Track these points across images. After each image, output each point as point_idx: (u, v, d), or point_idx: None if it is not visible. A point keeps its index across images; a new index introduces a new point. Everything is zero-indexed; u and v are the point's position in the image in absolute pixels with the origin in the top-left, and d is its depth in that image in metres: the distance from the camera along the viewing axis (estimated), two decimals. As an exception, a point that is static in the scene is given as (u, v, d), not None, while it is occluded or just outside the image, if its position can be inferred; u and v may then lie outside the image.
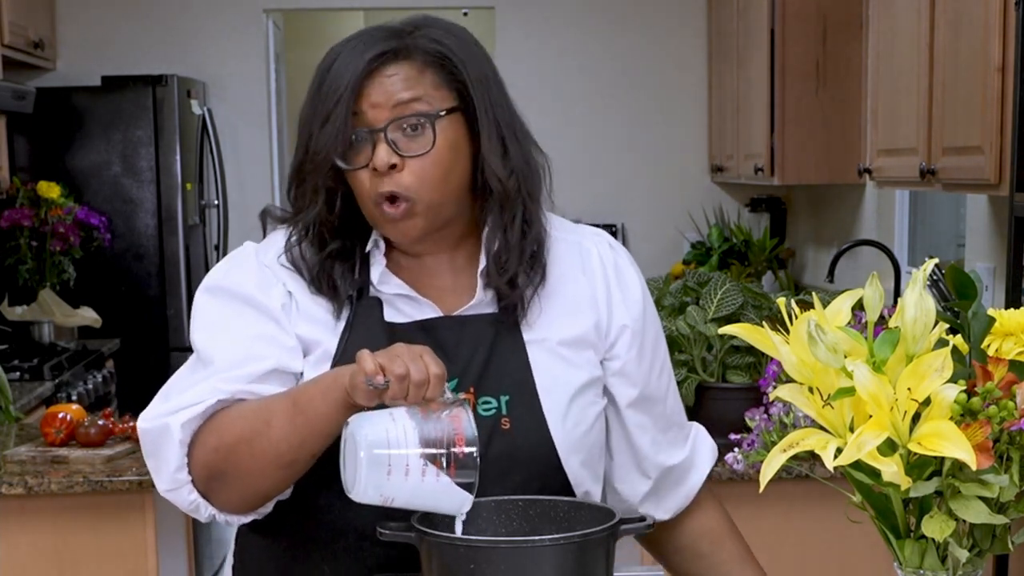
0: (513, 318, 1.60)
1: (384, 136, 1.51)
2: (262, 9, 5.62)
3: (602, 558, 1.39)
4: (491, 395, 1.57)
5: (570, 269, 1.66)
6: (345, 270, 1.59)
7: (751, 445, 1.27)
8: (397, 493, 1.37)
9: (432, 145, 1.52)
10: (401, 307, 1.60)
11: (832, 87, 4.37)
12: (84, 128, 5.00)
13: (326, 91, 1.52)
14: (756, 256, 5.39)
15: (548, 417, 1.58)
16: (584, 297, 1.65)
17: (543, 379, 1.59)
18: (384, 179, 1.51)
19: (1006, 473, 1.17)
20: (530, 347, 1.60)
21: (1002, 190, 2.71)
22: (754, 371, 2.55)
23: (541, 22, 5.66)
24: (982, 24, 2.76)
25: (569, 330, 1.63)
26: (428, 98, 1.53)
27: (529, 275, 1.60)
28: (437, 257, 1.63)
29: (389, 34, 1.55)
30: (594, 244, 1.71)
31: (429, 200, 1.53)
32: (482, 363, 1.58)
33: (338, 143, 1.51)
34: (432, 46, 1.55)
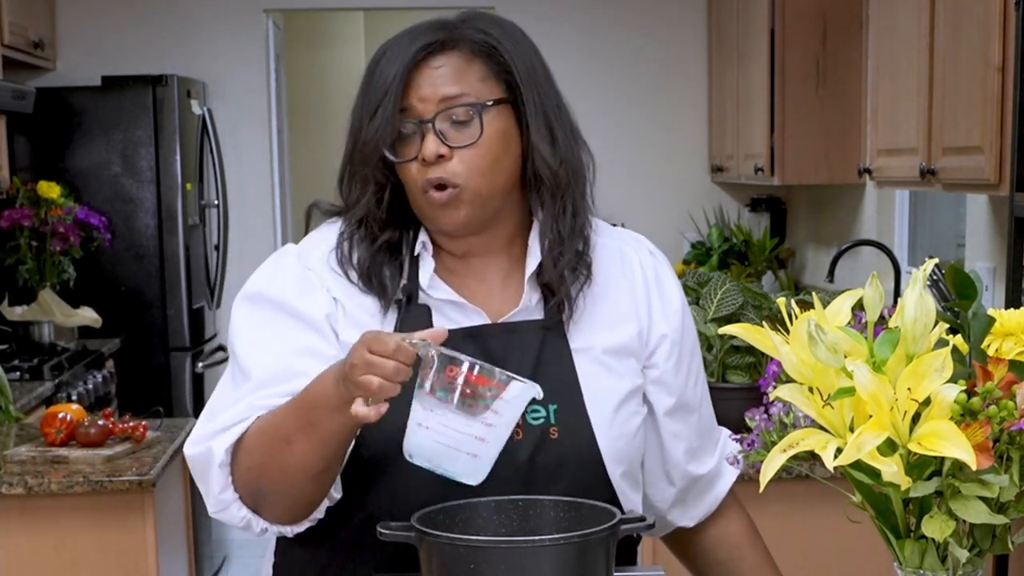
0: (559, 323, 1.60)
1: (432, 127, 1.51)
2: (262, 9, 5.62)
3: (602, 558, 1.39)
4: (539, 404, 1.56)
5: (613, 275, 1.66)
6: (394, 270, 1.59)
7: (751, 445, 1.27)
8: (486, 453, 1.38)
9: (480, 135, 1.52)
10: (449, 313, 1.59)
11: (832, 87, 4.37)
12: (84, 128, 5.01)
13: (376, 84, 1.53)
14: (756, 256, 5.39)
15: (595, 426, 1.58)
16: (627, 305, 1.66)
17: (589, 388, 1.59)
18: (432, 168, 1.52)
19: (1006, 473, 1.17)
20: (576, 355, 1.60)
21: (1002, 190, 2.71)
22: (754, 371, 2.55)
23: (541, 22, 5.65)
24: (982, 24, 2.76)
25: (613, 338, 1.63)
26: (475, 90, 1.53)
27: (575, 272, 1.61)
28: (484, 259, 1.62)
29: (437, 26, 1.57)
30: (635, 251, 1.72)
31: (477, 188, 1.53)
32: (530, 371, 1.56)
33: (387, 135, 1.52)
34: (479, 36, 1.56)
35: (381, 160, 1.54)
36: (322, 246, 1.62)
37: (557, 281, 1.59)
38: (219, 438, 1.52)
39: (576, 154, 1.63)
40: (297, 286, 1.59)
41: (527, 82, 1.58)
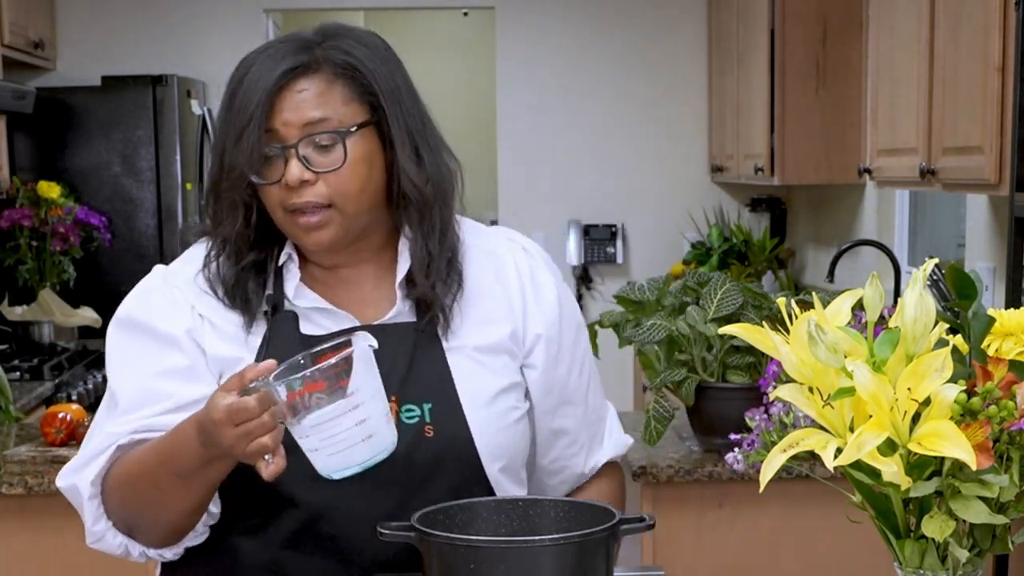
0: (432, 327, 1.61)
1: (296, 152, 1.52)
2: (262, 9, 5.62)
3: (602, 558, 1.39)
4: (414, 403, 1.58)
5: (485, 278, 1.66)
6: (258, 284, 1.60)
7: (751, 445, 1.27)
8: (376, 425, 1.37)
9: (343, 161, 1.53)
10: (318, 320, 1.60)
11: (832, 87, 4.37)
12: (84, 128, 5.00)
13: (238, 106, 1.53)
14: (756, 256, 5.39)
15: (470, 423, 1.59)
16: (500, 306, 1.66)
17: (464, 385, 1.60)
18: (296, 192, 1.52)
19: (1006, 473, 1.17)
20: (449, 354, 1.61)
21: (1002, 190, 2.71)
22: (754, 371, 2.55)
23: (541, 22, 5.66)
24: (982, 24, 2.76)
25: (486, 338, 1.63)
26: (339, 114, 1.53)
27: (447, 283, 1.61)
28: (354, 269, 1.63)
29: (299, 47, 1.56)
30: (508, 251, 1.71)
31: (343, 211, 1.54)
32: (404, 371, 1.58)
33: (252, 160, 1.51)
34: (342, 58, 1.56)
35: (247, 182, 1.53)
36: (188, 268, 1.63)
37: (430, 296, 1.59)
38: (83, 473, 1.55)
39: (442, 169, 1.64)
40: (161, 307, 1.61)
41: (391, 102, 1.57)
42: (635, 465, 2.60)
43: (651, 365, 2.61)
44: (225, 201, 1.56)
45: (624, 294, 2.64)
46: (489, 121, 5.97)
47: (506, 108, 5.68)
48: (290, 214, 1.54)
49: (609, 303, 5.32)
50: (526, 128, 5.66)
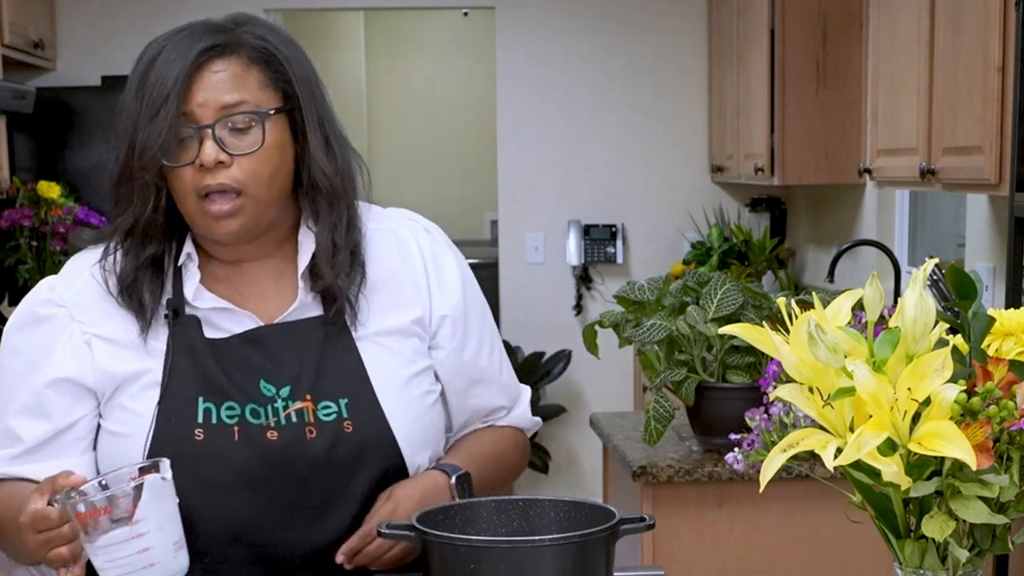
0: (341, 319, 1.60)
1: (212, 133, 1.50)
2: (262, 9, 5.61)
3: (602, 558, 1.39)
4: (330, 399, 1.57)
5: (391, 261, 1.66)
6: (155, 285, 1.58)
7: (751, 445, 1.27)
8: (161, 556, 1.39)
9: (261, 143, 1.52)
10: (219, 322, 1.59)
11: (832, 87, 4.37)
12: (84, 128, 5.00)
13: (153, 86, 1.50)
14: (756, 256, 5.39)
15: (387, 413, 1.59)
16: (408, 289, 1.66)
17: (377, 375, 1.60)
18: (210, 175, 1.51)
19: (1006, 473, 1.17)
20: (360, 344, 1.60)
21: (1002, 190, 2.71)
22: (754, 371, 2.55)
23: (541, 22, 5.66)
24: (982, 24, 2.76)
25: (394, 322, 1.63)
26: (255, 98, 1.52)
27: (350, 274, 1.60)
28: (256, 263, 1.62)
29: (214, 29, 1.55)
30: (410, 231, 1.70)
31: (256, 197, 1.53)
32: (314, 368, 1.57)
33: (168, 140, 1.49)
34: (257, 42, 1.55)
35: (159, 165, 1.51)
36: (81, 275, 1.61)
37: (335, 287, 1.59)
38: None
39: (349, 163, 1.63)
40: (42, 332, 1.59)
41: (304, 90, 1.57)
42: (635, 465, 2.60)
43: (651, 365, 2.61)
44: (136, 184, 1.53)
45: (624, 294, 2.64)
46: (489, 121, 5.97)
47: (506, 108, 5.68)
48: (201, 200, 1.52)
49: (609, 303, 5.32)
50: (526, 128, 5.66)
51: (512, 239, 5.71)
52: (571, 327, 5.61)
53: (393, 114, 7.57)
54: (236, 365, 1.57)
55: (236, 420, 1.55)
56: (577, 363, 5.59)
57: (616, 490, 2.99)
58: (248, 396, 1.56)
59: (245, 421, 1.55)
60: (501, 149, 5.71)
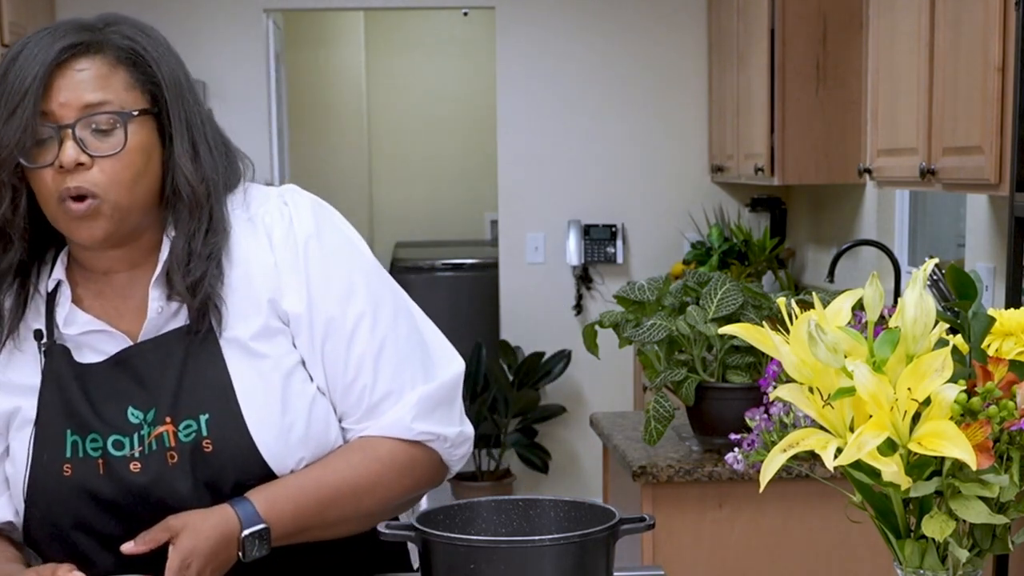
0: (206, 325, 1.52)
1: (72, 133, 1.45)
2: (262, 9, 5.61)
3: (602, 558, 1.39)
4: (190, 418, 1.51)
5: (250, 255, 1.57)
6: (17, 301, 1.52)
7: (751, 445, 1.27)
8: None
9: (123, 146, 1.46)
10: (96, 344, 1.54)
11: (832, 87, 4.37)
12: (84, 128, 4.99)
13: (12, 82, 1.44)
14: (756, 256, 5.39)
15: (251, 424, 1.51)
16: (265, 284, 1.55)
17: (243, 383, 1.52)
18: (70, 176, 1.45)
19: (1006, 473, 1.17)
20: (227, 352, 1.53)
21: (1002, 190, 2.71)
22: (754, 371, 2.55)
23: (541, 22, 5.66)
24: (982, 24, 2.76)
25: (255, 321, 1.54)
26: (120, 99, 1.47)
27: (204, 278, 1.52)
28: (127, 275, 1.56)
29: (80, 27, 1.49)
30: (278, 216, 1.59)
31: (116, 201, 1.47)
32: (175, 385, 1.51)
33: (24, 139, 1.43)
34: (125, 42, 1.50)
35: (15, 164, 1.45)
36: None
37: (188, 295, 1.51)
38: None
39: (219, 166, 1.56)
40: None
41: (172, 94, 1.51)
42: (635, 465, 2.60)
43: (651, 365, 2.61)
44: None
45: (624, 294, 2.64)
46: (489, 121, 5.97)
47: (506, 108, 5.68)
48: (62, 204, 1.46)
49: (609, 303, 5.32)
50: (526, 128, 5.66)
51: (512, 239, 5.71)
52: (571, 327, 5.61)
53: (393, 114, 7.56)
54: (106, 392, 1.52)
55: (99, 453, 1.51)
56: (577, 363, 5.59)
57: (616, 490, 2.99)
58: (111, 426, 1.51)
59: (107, 453, 1.51)
60: (501, 149, 5.71)
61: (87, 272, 1.56)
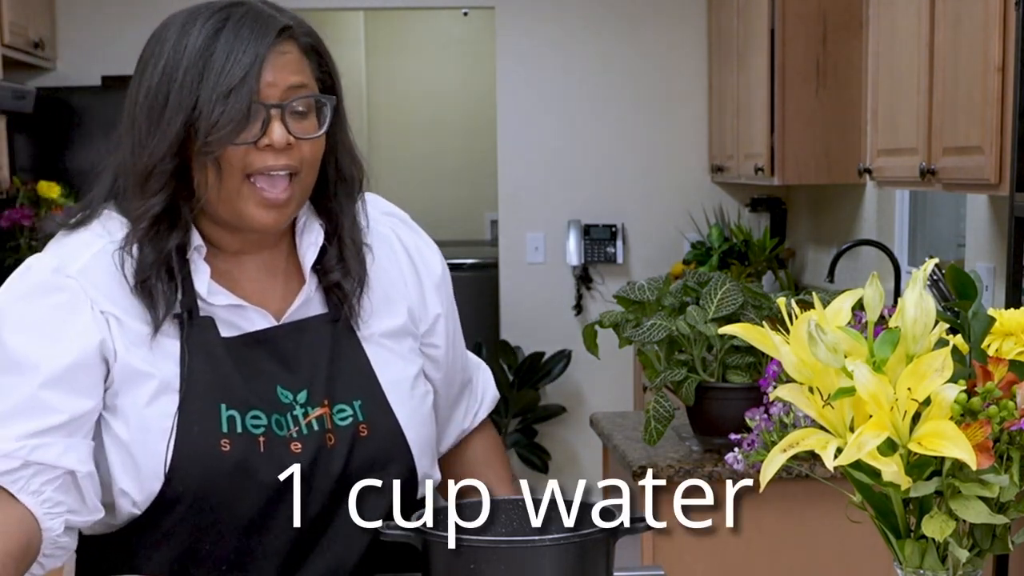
0: (345, 316, 1.56)
1: (283, 113, 1.46)
2: (262, 9, 5.61)
3: (602, 558, 1.39)
4: (344, 403, 1.53)
5: (380, 258, 1.63)
6: (166, 282, 1.49)
7: (751, 445, 1.27)
8: None
9: (321, 128, 1.50)
10: (232, 319, 1.52)
11: (832, 87, 4.37)
12: (84, 128, 5.00)
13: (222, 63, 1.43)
14: (756, 256, 5.39)
15: (399, 415, 1.56)
16: (396, 286, 1.63)
17: (385, 376, 1.57)
18: (273, 155, 1.45)
19: (1006, 473, 1.17)
20: (365, 344, 1.58)
21: (1002, 190, 2.71)
22: (754, 371, 2.55)
23: (541, 22, 5.66)
24: (982, 24, 2.76)
25: (390, 322, 1.61)
26: (310, 84, 1.51)
27: (355, 270, 1.57)
28: (254, 257, 1.56)
29: (272, 9, 1.51)
30: (391, 228, 1.67)
31: (306, 184, 1.51)
32: (327, 369, 1.53)
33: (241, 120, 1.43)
34: (308, 32, 1.54)
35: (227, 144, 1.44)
36: (85, 252, 1.49)
37: (344, 282, 1.56)
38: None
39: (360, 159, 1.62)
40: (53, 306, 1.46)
41: (339, 85, 1.56)
42: (635, 465, 2.60)
43: (651, 365, 2.61)
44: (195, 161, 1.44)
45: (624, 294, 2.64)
46: (489, 121, 5.97)
47: (506, 108, 5.68)
48: (247, 181, 1.46)
49: (609, 303, 5.32)
50: (526, 128, 5.66)
51: (512, 239, 5.71)
52: (571, 327, 5.61)
53: (393, 114, 7.56)
54: (252, 369, 1.51)
55: (262, 431, 1.49)
56: (577, 363, 5.59)
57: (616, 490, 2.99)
58: (270, 404, 1.50)
59: (271, 432, 1.49)
60: (501, 149, 5.71)
61: (216, 252, 1.54)
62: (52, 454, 1.42)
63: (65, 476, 1.43)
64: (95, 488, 1.47)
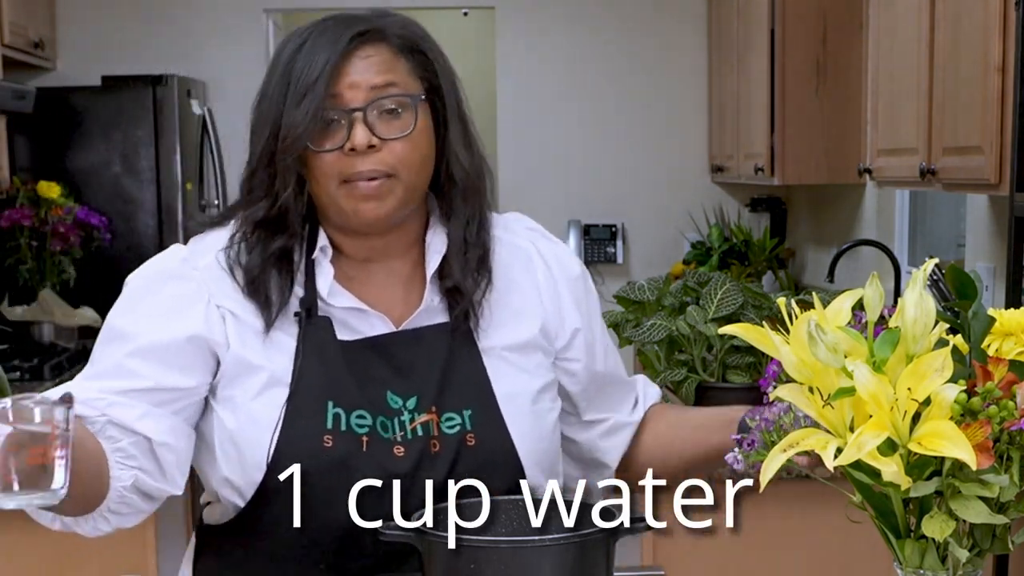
0: (466, 326, 1.56)
1: (363, 117, 1.47)
2: (262, 9, 5.62)
3: (602, 558, 1.39)
4: (454, 411, 1.54)
5: (513, 270, 1.62)
6: (283, 280, 1.52)
7: (751, 445, 1.27)
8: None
9: (413, 127, 1.49)
10: (350, 323, 1.55)
11: (832, 87, 4.37)
12: (84, 128, 5.00)
13: (300, 70, 1.46)
14: (756, 256, 5.39)
15: (511, 428, 1.55)
16: (529, 300, 1.62)
17: (502, 389, 1.56)
18: (359, 159, 1.47)
19: (1006, 473, 1.17)
20: (485, 356, 1.57)
21: (1002, 190, 2.71)
22: (754, 371, 2.55)
23: (541, 22, 5.66)
24: (982, 24, 2.75)
25: (517, 335, 1.60)
26: (404, 83, 1.50)
27: (477, 278, 1.57)
28: (385, 264, 1.58)
29: (359, 19, 1.52)
30: (530, 241, 1.66)
31: (407, 180, 1.50)
32: (440, 378, 1.54)
33: (314, 124, 1.45)
34: (405, 32, 1.53)
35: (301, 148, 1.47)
36: (212, 251, 1.55)
37: (464, 286, 1.55)
38: None
39: (484, 161, 1.61)
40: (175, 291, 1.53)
41: (447, 83, 1.56)
42: (635, 465, 2.60)
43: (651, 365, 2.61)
44: (279, 169, 1.48)
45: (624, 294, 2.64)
46: (489, 121, 5.97)
47: (506, 108, 5.68)
48: (345, 185, 1.48)
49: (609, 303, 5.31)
50: (526, 128, 5.66)
51: (512, 239, 5.70)
52: (571, 327, 5.60)
53: (393, 114, 7.57)
54: (364, 372, 1.53)
55: (366, 431, 1.51)
56: (577, 363, 5.58)
57: (616, 490, 2.99)
58: (378, 407, 1.52)
59: (375, 433, 1.51)
60: (501, 149, 5.71)
61: (343, 258, 1.57)
62: (130, 415, 1.47)
63: (141, 439, 1.48)
64: (176, 463, 1.51)
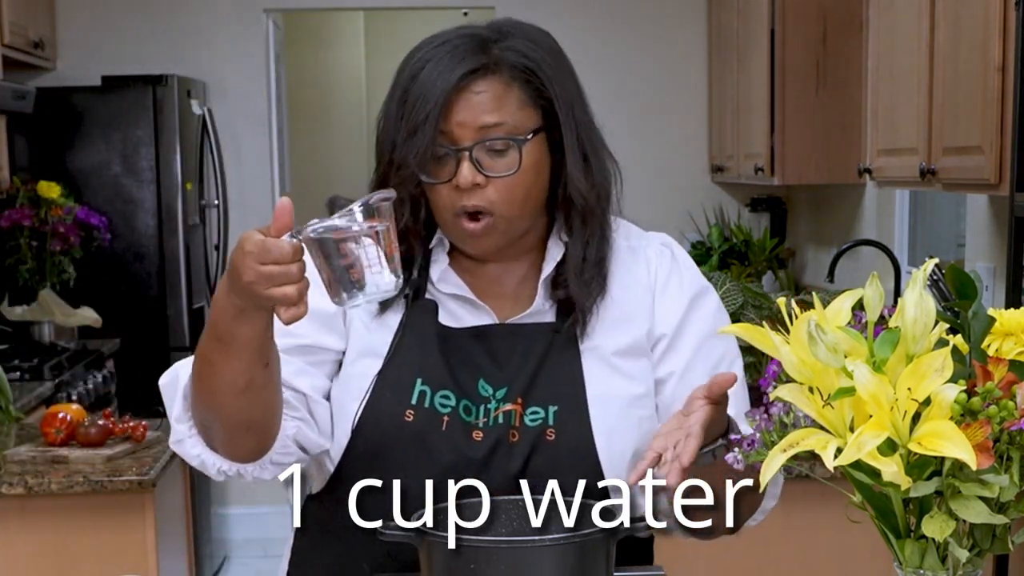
0: (571, 330, 1.59)
1: (469, 155, 1.51)
2: (262, 9, 5.62)
3: (602, 558, 1.39)
4: (539, 405, 1.56)
5: (630, 277, 1.65)
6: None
7: (751, 445, 1.27)
8: None
9: (518, 167, 1.52)
10: (456, 310, 1.60)
11: (832, 87, 4.37)
12: (84, 128, 5.00)
13: (413, 103, 1.51)
14: (756, 256, 5.39)
15: (595, 429, 1.57)
16: (641, 305, 1.64)
17: (595, 390, 1.58)
18: (466, 195, 1.52)
19: (1006, 473, 1.17)
20: (585, 357, 1.59)
21: (1002, 190, 2.71)
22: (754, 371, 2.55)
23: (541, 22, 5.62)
24: (982, 24, 2.76)
25: (623, 339, 1.61)
26: (514, 119, 1.53)
27: (590, 287, 1.60)
28: (500, 265, 1.63)
29: (477, 45, 1.54)
30: (657, 254, 1.69)
31: (509, 217, 1.54)
32: (531, 373, 1.57)
33: (423, 159, 1.51)
34: (520, 61, 1.55)
35: (416, 181, 1.53)
36: None
37: (577, 298, 1.58)
38: (187, 363, 1.50)
39: (606, 174, 1.63)
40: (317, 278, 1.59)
41: (564, 109, 1.57)
42: (635, 465, 2.60)
43: (651, 365, 2.61)
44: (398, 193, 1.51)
45: (624, 294, 2.64)
46: (489, 121, 5.96)
47: (506, 108, 5.67)
48: (457, 219, 1.54)
49: (609, 303, 5.31)
50: (526, 128, 5.66)
51: (512, 239, 5.71)
52: (571, 327, 5.60)
53: (393, 114, 7.56)
54: (461, 359, 1.58)
55: (448, 411, 1.55)
56: (577, 363, 5.58)
57: (616, 490, 2.99)
58: (466, 392, 1.56)
59: (456, 414, 1.55)
60: (501, 149, 5.70)
61: (459, 252, 1.62)
62: (287, 371, 1.52)
63: (299, 394, 1.56)
64: (327, 420, 1.58)
